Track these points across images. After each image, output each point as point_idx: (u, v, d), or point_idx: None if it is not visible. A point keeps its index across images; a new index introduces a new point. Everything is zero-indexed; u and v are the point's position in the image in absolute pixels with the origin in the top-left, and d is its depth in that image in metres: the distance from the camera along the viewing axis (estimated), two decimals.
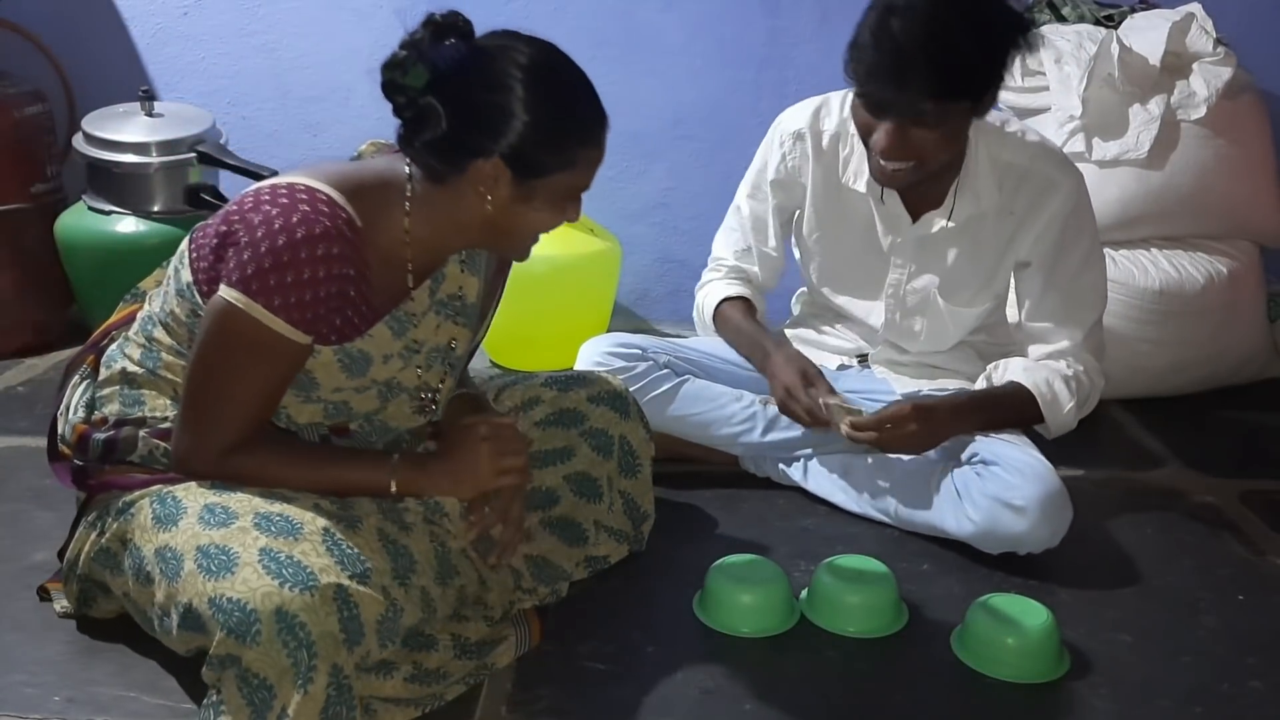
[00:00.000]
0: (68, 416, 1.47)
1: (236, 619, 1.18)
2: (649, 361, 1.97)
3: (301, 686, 1.17)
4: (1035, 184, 1.79)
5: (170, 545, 1.28)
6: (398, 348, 1.43)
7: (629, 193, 2.85)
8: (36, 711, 1.35)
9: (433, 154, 1.32)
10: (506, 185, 1.32)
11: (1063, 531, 1.73)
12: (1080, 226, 1.83)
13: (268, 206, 1.28)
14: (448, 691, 1.38)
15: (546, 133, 1.31)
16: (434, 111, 1.29)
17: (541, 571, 1.60)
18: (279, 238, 1.26)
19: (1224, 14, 2.52)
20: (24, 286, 2.57)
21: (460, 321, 1.50)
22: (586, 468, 1.67)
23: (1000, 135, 1.80)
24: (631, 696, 1.42)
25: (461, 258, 1.48)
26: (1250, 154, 2.49)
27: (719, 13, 2.67)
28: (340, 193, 1.31)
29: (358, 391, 1.43)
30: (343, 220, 1.29)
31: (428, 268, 1.43)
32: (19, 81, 2.58)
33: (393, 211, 1.36)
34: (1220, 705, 1.45)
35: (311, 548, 1.25)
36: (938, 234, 1.83)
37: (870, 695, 1.45)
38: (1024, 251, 1.83)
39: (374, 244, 1.34)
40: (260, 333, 1.28)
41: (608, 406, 1.69)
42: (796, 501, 1.96)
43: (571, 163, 1.34)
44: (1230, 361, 2.50)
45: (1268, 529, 1.92)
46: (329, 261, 1.28)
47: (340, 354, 1.38)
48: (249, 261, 1.26)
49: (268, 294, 1.27)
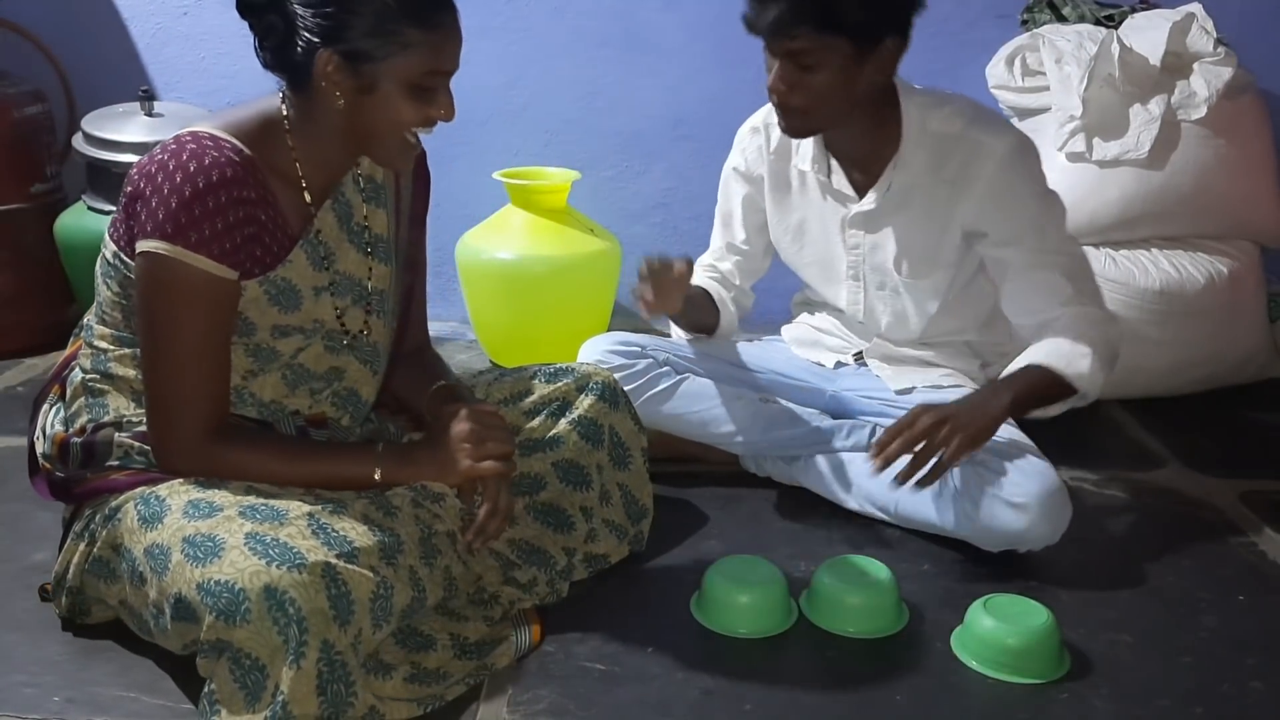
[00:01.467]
0: (45, 435, 1.51)
1: (225, 600, 1.19)
2: (649, 359, 1.97)
3: (294, 662, 1.17)
4: (966, 149, 1.78)
5: (158, 542, 1.30)
6: (322, 280, 1.46)
7: (629, 193, 2.85)
8: (36, 712, 1.35)
9: (281, 64, 1.37)
10: (345, 76, 1.34)
11: (1063, 528, 1.73)
12: (1024, 185, 1.79)
13: (160, 156, 1.34)
14: (448, 692, 1.38)
15: (365, 15, 1.31)
16: (275, 22, 1.33)
17: (527, 556, 1.60)
18: (176, 176, 1.31)
19: (1224, 14, 2.53)
20: (24, 286, 2.57)
21: (378, 257, 1.53)
22: (575, 455, 1.67)
23: (934, 107, 1.80)
24: (631, 696, 1.42)
25: (363, 188, 1.51)
26: (1250, 154, 2.49)
27: (719, 13, 2.67)
28: (225, 130, 1.37)
29: (304, 337, 1.46)
30: (229, 149, 1.35)
31: (322, 186, 1.46)
32: (19, 81, 2.58)
33: (275, 134, 1.41)
34: (1220, 705, 1.45)
35: (297, 530, 1.27)
36: (881, 208, 1.85)
37: (870, 695, 1.45)
38: (970, 218, 1.81)
39: (268, 168, 1.39)
40: (187, 274, 1.33)
41: (596, 396, 1.69)
42: (796, 501, 1.96)
43: (404, 44, 1.33)
44: (1230, 361, 2.50)
45: (1268, 529, 1.92)
46: (228, 185, 1.33)
47: (266, 285, 1.41)
48: (157, 208, 1.32)
49: (183, 233, 1.31)
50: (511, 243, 2.50)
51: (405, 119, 1.39)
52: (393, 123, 1.39)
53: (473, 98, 2.78)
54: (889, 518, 1.86)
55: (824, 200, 1.92)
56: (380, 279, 1.54)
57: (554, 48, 2.78)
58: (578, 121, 2.81)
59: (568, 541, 1.65)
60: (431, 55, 1.36)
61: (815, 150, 1.88)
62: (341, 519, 1.33)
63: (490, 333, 2.63)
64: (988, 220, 1.81)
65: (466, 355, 2.70)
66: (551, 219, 2.53)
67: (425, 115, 1.40)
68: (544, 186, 2.55)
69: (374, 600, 1.26)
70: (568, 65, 2.78)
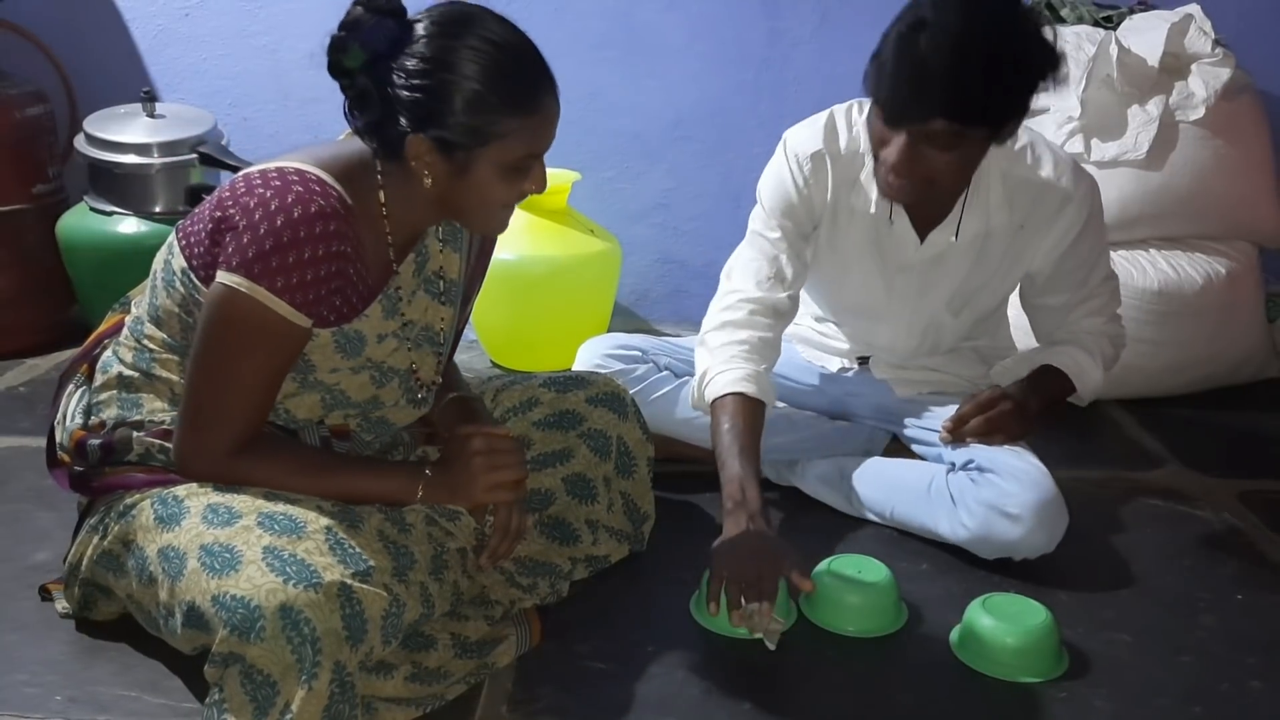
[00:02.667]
0: (65, 424, 1.48)
1: (241, 616, 1.18)
2: (649, 364, 1.97)
3: (306, 683, 1.17)
4: (1049, 198, 1.75)
5: (173, 545, 1.28)
6: (391, 328, 1.43)
7: (629, 193, 2.85)
8: (38, 711, 1.35)
9: (373, 135, 1.34)
10: (438, 161, 1.32)
11: (1058, 538, 1.73)
12: (1097, 233, 1.83)
13: (261, 190, 1.28)
14: (448, 691, 1.38)
15: (464, 107, 1.28)
16: (369, 92, 1.30)
17: (533, 570, 1.60)
18: (277, 218, 1.26)
19: (1222, 15, 2.53)
20: (25, 287, 2.57)
21: (444, 301, 1.51)
22: (584, 469, 1.67)
23: (1013, 151, 1.74)
24: (631, 696, 1.42)
25: (441, 235, 1.49)
26: (1249, 154, 2.49)
27: (719, 14, 2.67)
28: (328, 173, 1.32)
29: (353, 373, 1.43)
30: (334, 198, 1.30)
31: (407, 243, 1.44)
32: (20, 82, 2.58)
33: (369, 184, 1.37)
34: (1220, 705, 1.45)
35: (315, 546, 1.25)
36: (945, 252, 1.79)
37: (870, 695, 1.45)
38: (1039, 262, 1.82)
39: (362, 221, 1.35)
40: (263, 316, 1.29)
41: (606, 408, 1.69)
42: (796, 501, 1.96)
43: (500, 134, 1.31)
44: (1229, 362, 2.51)
45: (1267, 529, 1.92)
46: (327, 239, 1.28)
47: (338, 335, 1.38)
48: (249, 245, 1.26)
49: (270, 276, 1.27)
50: (511, 243, 2.49)
51: (498, 199, 1.37)
52: (490, 200, 1.37)
53: None
54: (885, 523, 1.87)
55: (879, 240, 1.82)
56: (445, 321, 1.52)
57: (554, 48, 2.75)
58: (578, 122, 2.80)
59: (573, 553, 1.66)
60: (528, 140, 1.33)
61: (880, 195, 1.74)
62: (358, 534, 1.31)
63: (490, 333, 2.63)
64: (1053, 262, 1.82)
65: (467, 355, 2.70)
66: (551, 220, 2.53)
67: (518, 192, 1.38)
68: None
69: (385, 618, 1.25)
70: (568, 66, 2.76)
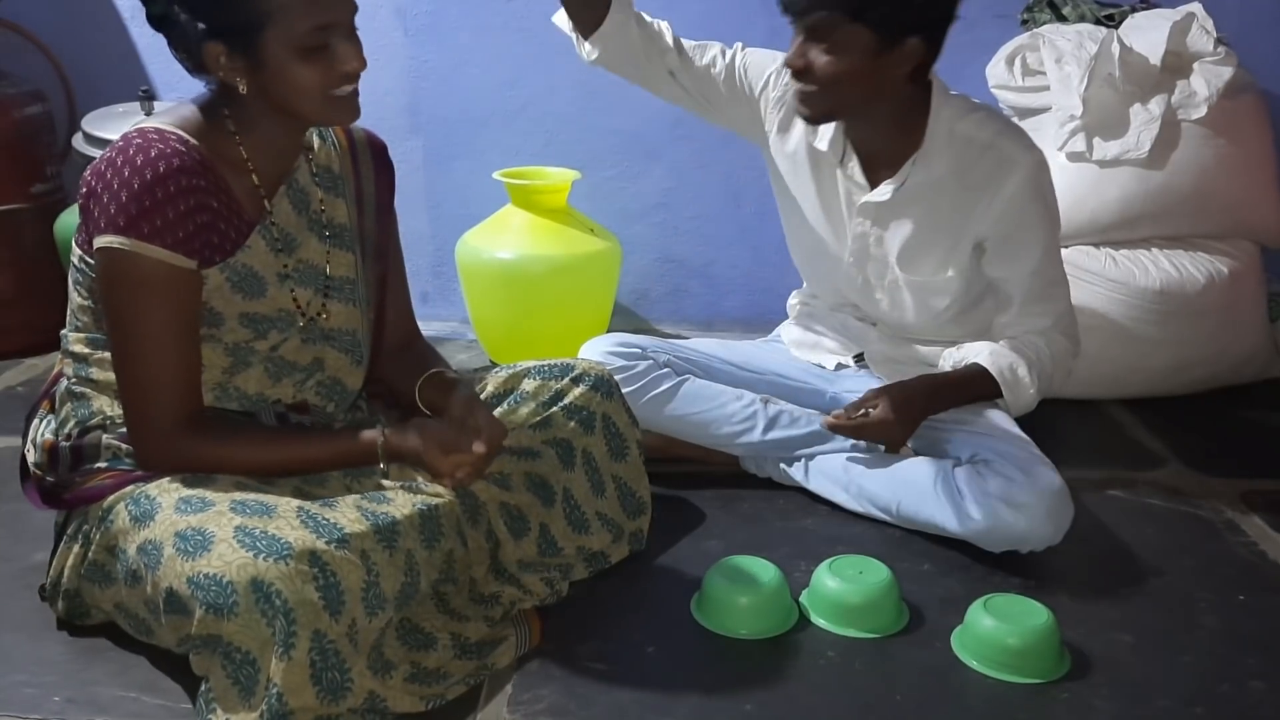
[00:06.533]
0: (35, 445, 1.51)
1: (214, 593, 1.20)
2: (649, 361, 1.97)
3: (284, 654, 1.18)
4: (994, 159, 1.79)
5: (150, 538, 1.30)
6: (283, 264, 1.47)
7: (629, 193, 2.85)
8: (36, 712, 1.35)
9: (185, 61, 1.39)
10: (237, 62, 1.35)
11: (1065, 528, 1.73)
12: (1040, 208, 1.82)
13: (109, 155, 1.35)
14: (448, 691, 1.38)
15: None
16: (170, 18, 1.36)
17: (514, 523, 1.62)
18: (125, 171, 1.33)
19: (1224, 14, 2.53)
20: (24, 286, 2.57)
21: (341, 246, 1.54)
22: (567, 436, 1.68)
23: (963, 110, 1.80)
24: (631, 696, 1.42)
25: (316, 175, 1.52)
26: (1250, 154, 2.49)
27: (719, 13, 2.67)
28: (167, 124, 1.38)
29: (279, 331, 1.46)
30: (175, 140, 1.36)
31: (274, 172, 1.47)
32: (19, 81, 2.58)
33: (218, 124, 1.42)
34: (1220, 705, 1.45)
35: (286, 523, 1.28)
36: (893, 201, 1.84)
37: (870, 695, 1.45)
38: (983, 228, 1.83)
39: (216, 157, 1.40)
40: (145, 266, 1.34)
41: (588, 387, 1.71)
42: (796, 501, 1.96)
43: (269, 11, 1.31)
44: (1231, 361, 2.50)
45: (1268, 529, 1.92)
46: (177, 176, 1.34)
47: (227, 272, 1.42)
48: (109, 204, 1.33)
49: (136, 225, 1.33)
50: (511, 242, 2.50)
51: (308, 84, 1.36)
52: (299, 89, 1.36)
53: (472, 98, 2.79)
54: (891, 518, 1.86)
55: (836, 183, 1.91)
56: (343, 266, 1.54)
57: (554, 48, 2.76)
58: (577, 121, 2.81)
59: (549, 517, 1.65)
60: (307, 11, 1.33)
61: (835, 134, 1.87)
62: (333, 510, 1.34)
63: (490, 333, 2.63)
64: (999, 232, 1.82)
65: (466, 355, 2.70)
66: (551, 219, 2.53)
67: (330, 73, 1.36)
68: (544, 186, 2.55)
69: (366, 588, 1.26)
70: (567, 65, 2.77)
